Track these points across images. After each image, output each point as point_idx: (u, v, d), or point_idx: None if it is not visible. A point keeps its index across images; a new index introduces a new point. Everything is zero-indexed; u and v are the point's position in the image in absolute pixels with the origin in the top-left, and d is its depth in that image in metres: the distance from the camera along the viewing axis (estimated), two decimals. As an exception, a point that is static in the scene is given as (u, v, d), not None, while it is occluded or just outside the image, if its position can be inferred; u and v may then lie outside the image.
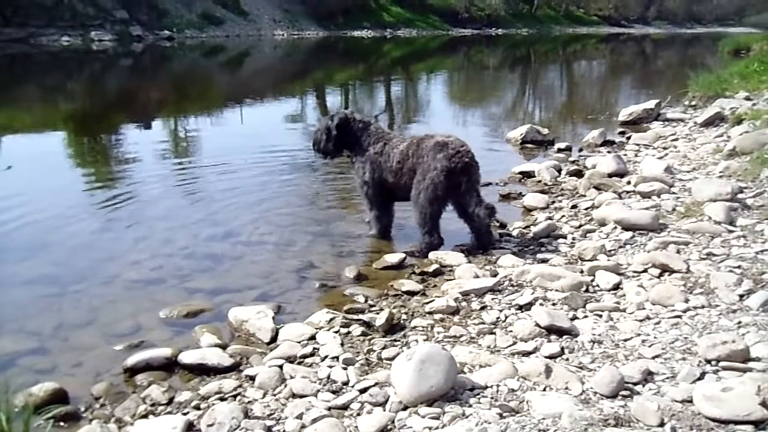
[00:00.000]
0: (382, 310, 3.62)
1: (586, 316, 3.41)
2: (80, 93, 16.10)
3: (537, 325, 3.23)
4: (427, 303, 3.71)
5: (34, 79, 17.79)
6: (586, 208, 5.40)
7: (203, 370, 3.11)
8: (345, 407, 2.66)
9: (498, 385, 2.69)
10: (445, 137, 4.61)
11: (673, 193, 5.49)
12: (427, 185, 4.49)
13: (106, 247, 4.87)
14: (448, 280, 4.15)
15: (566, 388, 2.64)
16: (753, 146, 6.34)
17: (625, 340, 3.08)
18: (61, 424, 2.72)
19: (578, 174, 6.59)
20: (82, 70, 21.33)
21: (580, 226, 4.98)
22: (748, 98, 9.76)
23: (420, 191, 4.54)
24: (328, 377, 2.90)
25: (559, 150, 8.16)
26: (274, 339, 3.41)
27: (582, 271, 3.98)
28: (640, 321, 3.27)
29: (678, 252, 4.09)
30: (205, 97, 15.63)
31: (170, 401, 2.85)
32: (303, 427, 2.52)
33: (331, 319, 3.52)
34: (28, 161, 7.90)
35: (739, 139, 6.73)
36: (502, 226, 5.15)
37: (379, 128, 5.04)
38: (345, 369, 2.96)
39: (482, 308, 3.60)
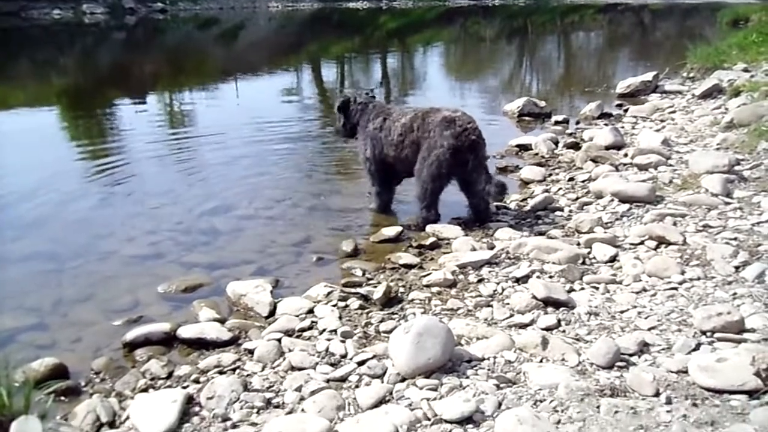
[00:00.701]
0: (379, 283, 3.63)
1: (582, 289, 3.43)
2: (73, 67, 15.92)
3: (534, 297, 3.25)
4: (425, 276, 3.73)
5: (25, 53, 17.54)
6: (583, 181, 5.39)
7: (202, 345, 3.13)
8: (343, 379, 2.68)
9: (495, 357, 2.71)
10: (452, 112, 4.49)
11: (670, 165, 5.48)
12: (432, 161, 4.43)
13: (103, 223, 4.86)
14: (445, 253, 4.16)
15: (563, 360, 2.66)
16: (750, 118, 6.32)
17: (622, 312, 3.11)
18: (62, 398, 2.74)
19: (575, 147, 6.58)
20: (74, 44, 21.04)
21: (577, 198, 4.99)
22: (746, 70, 9.69)
23: (424, 166, 4.49)
24: (327, 350, 2.92)
25: (556, 123, 8.11)
26: (272, 313, 3.43)
27: (579, 244, 3.99)
28: (637, 293, 3.29)
29: (675, 224, 4.10)
30: (199, 70, 15.47)
31: (170, 375, 2.87)
32: (302, 399, 2.54)
33: (329, 293, 3.53)
34: (22, 137, 7.84)
35: (736, 111, 6.71)
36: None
37: (378, 104, 5.00)
38: (343, 342, 2.98)
39: (479, 281, 3.62)
